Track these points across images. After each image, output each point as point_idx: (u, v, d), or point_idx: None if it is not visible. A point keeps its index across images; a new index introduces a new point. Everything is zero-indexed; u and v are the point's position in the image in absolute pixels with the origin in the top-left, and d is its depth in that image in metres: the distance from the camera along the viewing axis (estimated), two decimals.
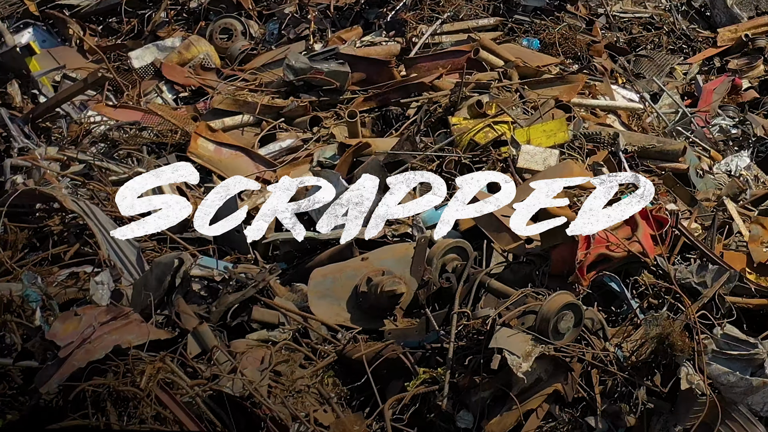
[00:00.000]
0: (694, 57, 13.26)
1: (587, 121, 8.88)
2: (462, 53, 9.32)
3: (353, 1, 10.99)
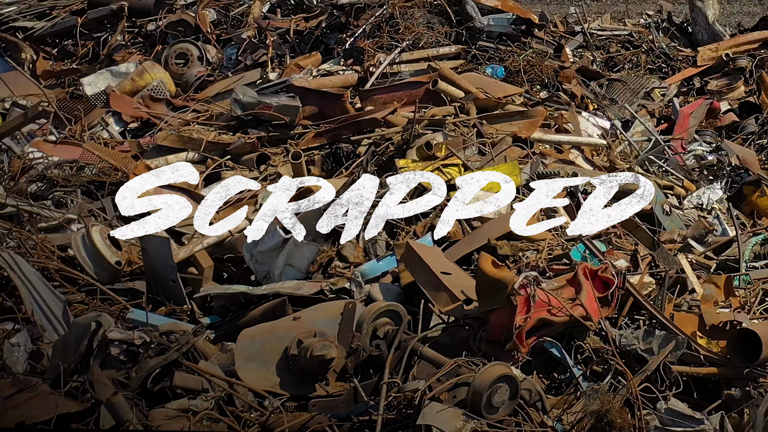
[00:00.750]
0: (673, 77, 12.95)
1: (549, 157, 8.58)
2: (419, 84, 9.00)
3: (314, 25, 10.65)
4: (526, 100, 9.68)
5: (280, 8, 11.29)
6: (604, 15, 14.80)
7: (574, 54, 13.11)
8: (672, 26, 14.34)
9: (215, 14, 11.51)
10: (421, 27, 9.73)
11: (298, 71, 9.91)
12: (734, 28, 14.93)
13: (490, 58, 9.91)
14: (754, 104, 12.15)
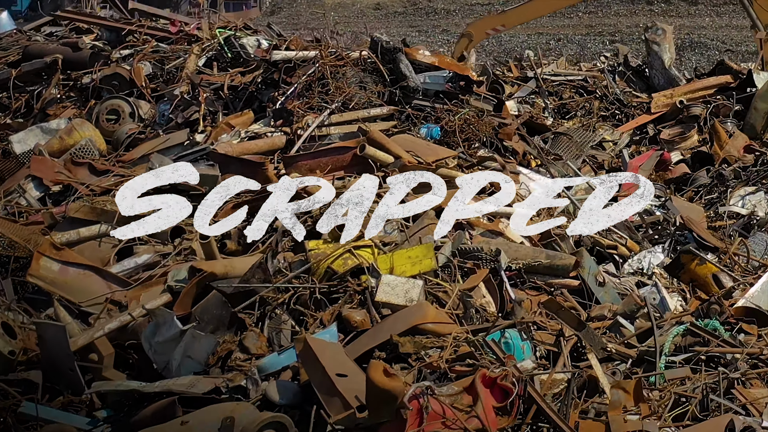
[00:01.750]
0: (626, 125, 12.60)
1: (477, 227, 8.21)
2: (346, 150, 8.62)
3: (248, 81, 10.26)
4: (462, 161, 9.30)
5: (217, 62, 10.92)
6: (560, 58, 14.44)
7: (526, 100, 12.79)
8: (628, 70, 14.00)
9: (151, 68, 11.13)
10: (353, 87, 9.33)
11: (228, 130, 9.53)
12: (691, 73, 14.59)
13: (426, 117, 9.51)
14: (706, 154, 11.79)
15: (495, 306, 7.26)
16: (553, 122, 12.34)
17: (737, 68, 13.60)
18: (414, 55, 9.90)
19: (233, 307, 6.81)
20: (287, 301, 6.89)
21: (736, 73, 13.38)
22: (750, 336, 6.90)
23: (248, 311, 6.87)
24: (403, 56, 9.59)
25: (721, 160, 11.50)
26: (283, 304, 6.89)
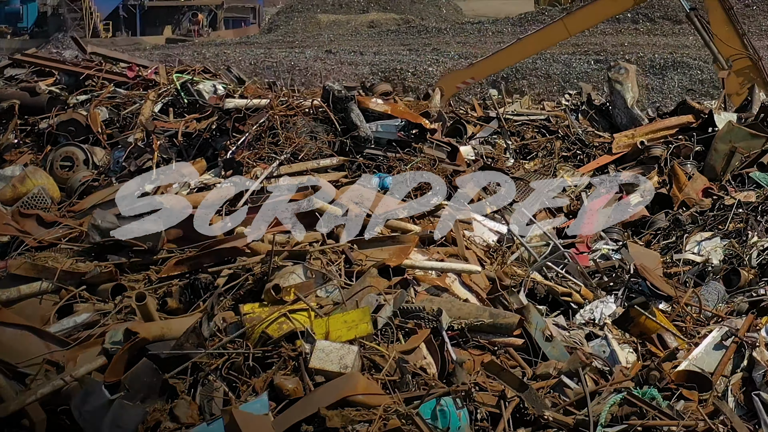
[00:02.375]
0: (587, 166, 12.42)
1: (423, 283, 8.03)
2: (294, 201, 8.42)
3: (203, 127, 10.08)
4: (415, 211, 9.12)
5: (174, 107, 10.74)
6: (523, 97, 14.28)
7: (488, 140, 12.62)
8: (591, 109, 13.83)
9: (107, 113, 10.95)
10: (304, 137, 9.15)
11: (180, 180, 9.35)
12: (654, 112, 14.43)
13: (378, 166, 9.33)
14: (666, 196, 11.61)
15: (436, 367, 7.08)
16: (514, 163, 12.17)
17: (699, 108, 13.44)
18: (366, 104, 9.73)
19: (165, 373, 6.61)
20: (220, 367, 6.70)
21: (697, 112, 13.22)
22: (690, 402, 6.73)
23: (181, 376, 6.68)
24: (354, 105, 9.42)
25: (680, 203, 11.33)
26: (217, 370, 6.70)
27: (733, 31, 20.95)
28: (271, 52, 43.67)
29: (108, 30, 55.02)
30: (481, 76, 24.59)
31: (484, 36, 49.11)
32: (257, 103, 9.65)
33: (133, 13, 56.30)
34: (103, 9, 54.90)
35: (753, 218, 10.26)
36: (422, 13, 62.45)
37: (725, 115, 12.81)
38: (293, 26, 59.11)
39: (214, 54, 42.15)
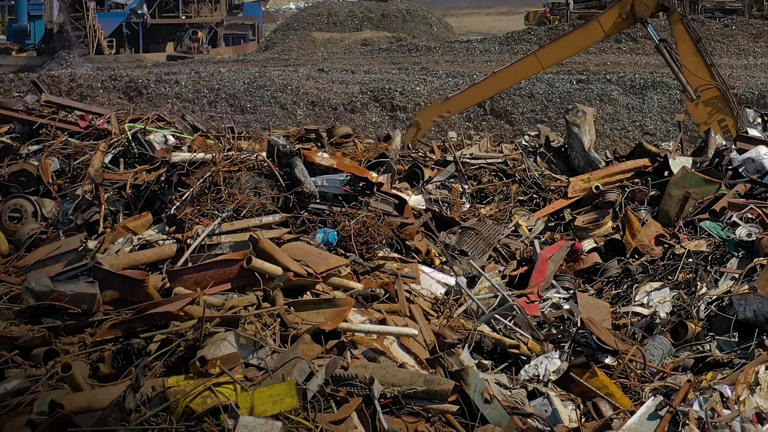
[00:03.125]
0: (542, 210, 12.21)
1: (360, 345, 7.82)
2: (233, 262, 8.20)
3: (152, 179, 9.86)
4: (359, 267, 8.91)
5: (125, 158, 10.52)
6: (482, 139, 14.07)
7: (445, 184, 12.43)
8: (549, 151, 13.63)
9: (58, 163, 10.73)
10: (247, 193, 8.92)
11: (125, 233, 9.12)
12: (610, 155, 14.24)
13: (323, 221, 9.11)
14: (620, 242, 11.40)
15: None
16: (470, 207, 11.97)
17: (655, 151, 13.25)
18: (312, 158, 9.52)
19: None
20: None
21: (654, 156, 13.03)
22: None
23: None
24: (298, 160, 9.20)
25: (632, 250, 11.13)
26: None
27: (701, 61, 20.88)
28: (266, 71, 43.55)
29: (112, 47, 55.20)
30: (456, 110, 24.51)
31: (472, 55, 49.16)
32: (202, 157, 9.44)
33: (135, 30, 56.73)
34: (106, 27, 55.23)
35: (702, 269, 10.05)
36: (414, 31, 62.53)
37: (680, 160, 12.62)
38: (289, 44, 59.13)
39: (209, 73, 42.06)
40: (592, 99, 38.51)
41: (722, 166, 12.34)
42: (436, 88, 40.31)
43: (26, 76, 43.74)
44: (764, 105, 37.25)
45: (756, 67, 42.95)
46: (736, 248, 10.08)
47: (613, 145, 38.05)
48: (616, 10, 21.64)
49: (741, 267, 9.90)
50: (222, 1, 63.21)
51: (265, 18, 76.42)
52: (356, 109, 39.87)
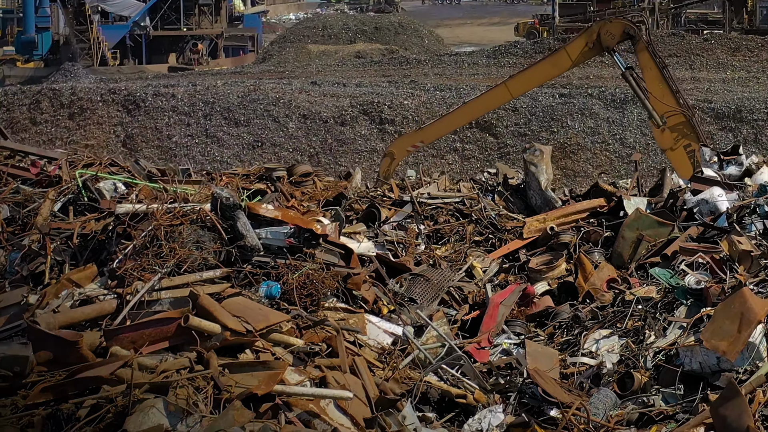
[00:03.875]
0: (497, 251, 11.97)
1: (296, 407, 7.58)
2: (170, 321, 7.96)
3: (99, 229, 9.61)
4: (302, 321, 8.67)
5: (75, 206, 10.27)
6: (441, 177, 13.83)
7: (402, 224, 12.21)
8: (507, 190, 13.41)
9: (8, 211, 10.47)
10: (189, 247, 8.69)
11: (69, 286, 8.87)
12: (566, 194, 14.01)
13: (267, 274, 8.87)
14: (573, 284, 11.17)
15: None
16: (425, 249, 11.75)
17: (611, 190, 13.03)
18: (257, 210, 9.29)
19: None
20: None
21: (609, 195, 12.81)
22: None
23: None
24: (241, 214, 8.97)
25: (584, 294, 10.90)
26: None
27: (667, 88, 20.83)
28: (261, 83, 43.75)
29: (116, 58, 55.65)
30: (429, 140, 24.46)
31: (460, 68, 49.35)
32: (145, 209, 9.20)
33: (139, 42, 57.44)
34: (110, 38, 56.00)
35: (651, 316, 9.83)
36: (406, 44, 62.72)
37: (635, 201, 12.40)
38: (285, 56, 59.35)
39: (204, 87, 42.16)
40: (574, 113, 38.53)
41: (676, 207, 12.13)
42: (424, 102, 40.33)
43: (29, 89, 43.76)
44: (740, 119, 37.31)
45: (734, 81, 42.93)
46: (685, 296, 9.88)
47: (594, 158, 38.14)
48: (582, 40, 21.58)
49: (690, 315, 9.69)
50: (222, 14, 63.61)
51: (266, 28, 76.66)
52: (346, 122, 39.95)
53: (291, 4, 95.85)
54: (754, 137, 36.56)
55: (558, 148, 37.65)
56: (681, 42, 49.39)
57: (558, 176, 37.83)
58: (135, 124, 40.64)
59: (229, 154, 39.25)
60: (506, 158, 38.33)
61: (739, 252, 10.19)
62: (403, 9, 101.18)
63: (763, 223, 10.92)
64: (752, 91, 39.57)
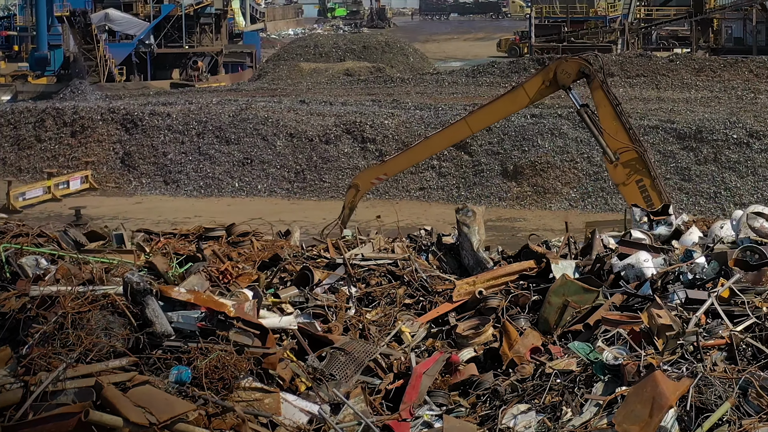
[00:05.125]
0: (426, 315, 11.30)
1: None
2: (71, 416, 7.34)
3: (17, 307, 8.97)
4: (211, 408, 8.02)
5: None
6: (377, 236, 13.14)
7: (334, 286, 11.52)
8: (440, 249, 12.74)
9: None
10: (96, 335, 8.06)
11: None
12: (498, 254, 13.32)
13: (178, 359, 8.24)
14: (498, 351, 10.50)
15: None
16: (355, 313, 11.10)
17: (541, 252, 12.35)
18: (169, 293, 8.68)
19: None
20: None
21: (539, 257, 12.12)
22: None
23: None
24: (151, 299, 8.36)
25: (508, 362, 10.25)
26: None
27: (620, 125, 20.34)
28: (254, 101, 43.69)
29: (122, 74, 55.82)
30: (392, 173, 23.97)
31: (440, 86, 49.22)
32: (56, 291, 8.56)
33: (144, 59, 57.71)
34: (117, 56, 56.17)
35: (569, 391, 9.18)
36: (392, 62, 62.72)
37: (563, 264, 11.74)
38: (279, 73, 59.26)
39: (198, 107, 42.02)
40: (544, 132, 38.11)
41: (604, 271, 11.47)
42: (403, 121, 40.01)
43: (35, 108, 43.32)
44: (701, 139, 36.78)
45: (696, 101, 42.42)
46: (603, 371, 9.23)
47: (563, 176, 37.53)
48: (540, 78, 21.10)
49: (607, 391, 9.08)
50: (223, 31, 63.67)
51: (265, 44, 76.38)
52: (330, 140, 39.88)
53: (290, 20, 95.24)
54: (714, 157, 36.05)
55: (529, 166, 37.26)
56: (648, 62, 48.90)
57: (528, 193, 37.41)
58: (132, 142, 40.66)
59: (221, 171, 39.20)
60: (480, 175, 37.84)
61: (658, 325, 9.54)
62: (395, 24, 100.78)
63: (685, 292, 10.25)
64: (713, 112, 39.05)
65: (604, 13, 58.14)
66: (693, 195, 35.26)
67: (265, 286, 11.21)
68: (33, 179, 39.43)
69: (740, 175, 35.28)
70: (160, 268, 10.06)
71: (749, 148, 35.85)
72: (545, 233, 34.36)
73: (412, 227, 35.58)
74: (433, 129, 39.48)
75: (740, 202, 34.75)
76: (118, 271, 9.60)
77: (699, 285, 10.59)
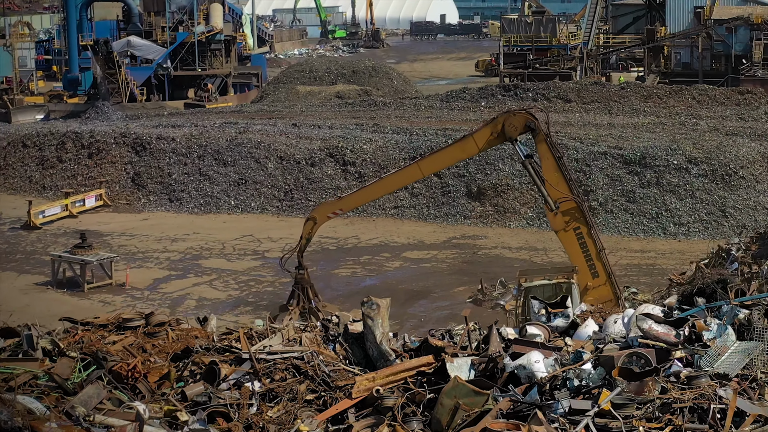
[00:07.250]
0: (325, 413, 10.07)
1: None
2: None
3: None
4: None
5: None
6: (288, 325, 11.91)
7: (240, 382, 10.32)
8: (347, 340, 11.52)
9: None
10: None
11: None
12: (401, 348, 12.07)
13: None
14: None
15: None
16: (256, 411, 9.91)
17: (441, 345, 11.11)
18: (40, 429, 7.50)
19: None
20: None
21: (439, 351, 10.90)
22: None
23: None
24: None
25: None
26: None
27: (561, 176, 19.48)
28: (252, 123, 43.42)
29: (143, 94, 55.81)
30: (348, 208, 22.95)
31: (417, 110, 48.79)
32: None
33: (162, 80, 57.92)
34: (138, 78, 56.37)
35: None
36: (378, 85, 62.49)
37: (458, 362, 10.52)
38: (278, 95, 59.19)
39: (198, 132, 41.65)
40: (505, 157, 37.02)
41: (497, 370, 10.28)
42: (380, 146, 39.25)
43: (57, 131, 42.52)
44: (645, 164, 35.60)
45: (643, 127, 41.21)
46: None
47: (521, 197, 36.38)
48: (488, 129, 20.09)
49: None
50: (232, 54, 63.41)
51: (272, 64, 75.57)
52: (315, 163, 39.66)
53: (295, 41, 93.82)
54: (656, 180, 35.02)
55: (491, 187, 36.31)
56: (602, 90, 47.66)
57: (490, 212, 36.29)
58: (142, 164, 40.58)
59: (218, 190, 39.02)
60: (447, 196, 36.73)
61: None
62: (388, 45, 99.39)
63: (569, 402, 9.06)
64: (657, 138, 37.93)
65: (566, 42, 56.52)
66: (637, 215, 34.22)
67: (175, 379, 10.07)
68: (55, 196, 39.01)
69: (680, 197, 34.17)
70: (61, 376, 8.90)
71: (688, 173, 34.74)
72: (503, 251, 33.32)
73: (384, 245, 34.85)
74: (406, 153, 38.66)
75: (679, 222, 33.70)
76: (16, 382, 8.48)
77: (584, 392, 9.40)
